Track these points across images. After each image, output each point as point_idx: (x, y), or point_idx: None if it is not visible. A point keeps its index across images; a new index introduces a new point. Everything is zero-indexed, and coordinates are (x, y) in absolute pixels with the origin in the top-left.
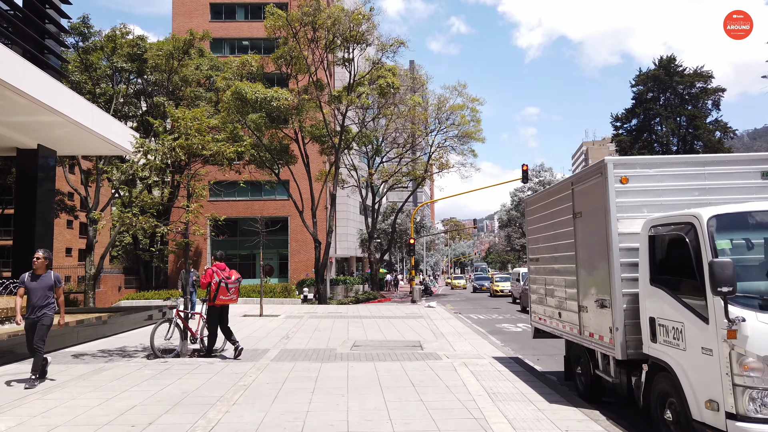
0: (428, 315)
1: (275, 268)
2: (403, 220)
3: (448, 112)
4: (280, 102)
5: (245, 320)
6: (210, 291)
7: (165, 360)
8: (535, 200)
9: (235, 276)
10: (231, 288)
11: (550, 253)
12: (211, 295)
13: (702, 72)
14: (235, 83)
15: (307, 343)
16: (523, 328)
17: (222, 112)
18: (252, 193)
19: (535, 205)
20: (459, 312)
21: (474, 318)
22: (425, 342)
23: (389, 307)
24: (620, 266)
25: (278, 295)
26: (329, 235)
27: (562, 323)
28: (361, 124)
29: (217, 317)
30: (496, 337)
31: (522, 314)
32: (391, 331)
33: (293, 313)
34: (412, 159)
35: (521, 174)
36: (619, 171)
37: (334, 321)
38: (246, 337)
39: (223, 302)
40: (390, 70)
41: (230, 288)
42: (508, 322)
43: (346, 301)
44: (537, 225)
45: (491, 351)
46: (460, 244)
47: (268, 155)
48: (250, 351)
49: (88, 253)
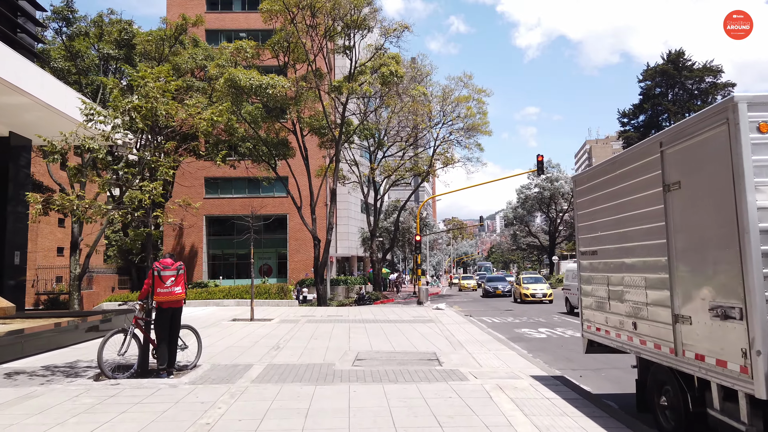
0: (438, 319)
1: (274, 268)
2: (406, 217)
3: (454, 104)
4: (276, 90)
5: (233, 325)
6: (144, 290)
7: (117, 381)
8: (592, 175)
9: (176, 265)
10: (169, 277)
11: (617, 243)
12: (144, 294)
13: (711, 66)
14: (228, 69)
15: (300, 356)
16: (547, 334)
17: (215, 102)
18: (250, 190)
19: (590, 182)
20: (470, 314)
21: (488, 322)
22: (442, 354)
23: (393, 309)
24: (762, 257)
25: (273, 297)
26: (329, 232)
27: (638, 337)
28: (362, 115)
29: (166, 324)
30: (519, 345)
31: (539, 316)
32: (400, 338)
33: (289, 316)
34: (416, 153)
35: (536, 165)
36: (756, 114)
37: (334, 326)
38: (229, 347)
39: (165, 299)
40: (393, 57)
41: (167, 277)
42: (527, 326)
43: (347, 302)
44: (594, 207)
45: (525, 366)
46: (463, 244)
47: (265, 148)
48: (228, 367)
49: (73, 251)
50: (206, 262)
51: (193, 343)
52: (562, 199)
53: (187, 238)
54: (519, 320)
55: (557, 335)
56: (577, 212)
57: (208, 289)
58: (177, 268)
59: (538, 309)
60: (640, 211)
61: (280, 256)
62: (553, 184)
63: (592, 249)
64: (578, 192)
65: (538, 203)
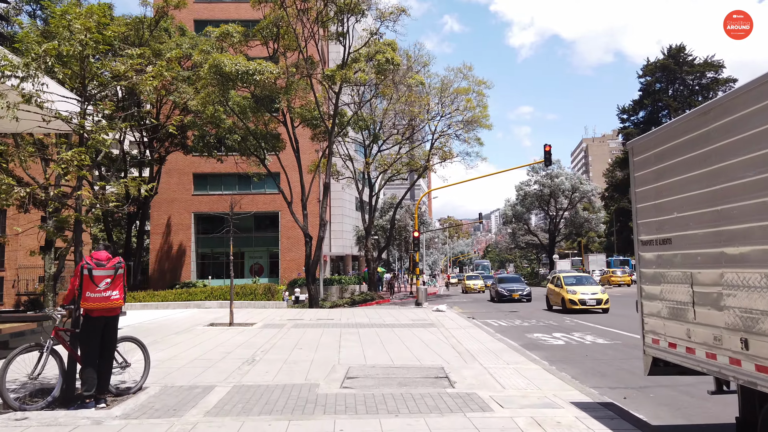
0: (440, 322)
1: (265, 268)
2: (402, 215)
3: (453, 96)
4: (264, 76)
5: (208, 331)
6: (69, 292)
7: (24, 415)
8: (666, 136)
9: (112, 262)
10: (103, 278)
11: (711, 226)
12: (70, 296)
13: (713, 62)
14: (213, 55)
15: (277, 373)
16: (565, 341)
17: (201, 92)
18: (240, 186)
19: (662, 146)
20: (473, 316)
21: (495, 325)
22: (452, 370)
23: (390, 311)
24: None
25: (260, 298)
26: (322, 229)
27: (751, 361)
28: (357, 106)
29: (95, 337)
30: (537, 353)
31: (549, 317)
32: (399, 347)
33: (274, 320)
34: (412, 147)
35: (544, 156)
36: None
37: (323, 332)
38: (194, 360)
39: (96, 305)
40: (389, 45)
41: (100, 278)
42: (538, 330)
43: (341, 303)
44: (668, 180)
45: (558, 388)
46: (459, 243)
47: (254, 140)
48: (183, 390)
49: (48, 249)
50: (195, 261)
51: (139, 360)
52: (563, 196)
53: (174, 236)
54: (528, 323)
55: (576, 341)
56: (636, 189)
57: (189, 290)
58: (115, 266)
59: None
60: (758, 177)
61: (272, 255)
62: (554, 181)
63: (663, 236)
64: (639, 162)
65: (537, 200)
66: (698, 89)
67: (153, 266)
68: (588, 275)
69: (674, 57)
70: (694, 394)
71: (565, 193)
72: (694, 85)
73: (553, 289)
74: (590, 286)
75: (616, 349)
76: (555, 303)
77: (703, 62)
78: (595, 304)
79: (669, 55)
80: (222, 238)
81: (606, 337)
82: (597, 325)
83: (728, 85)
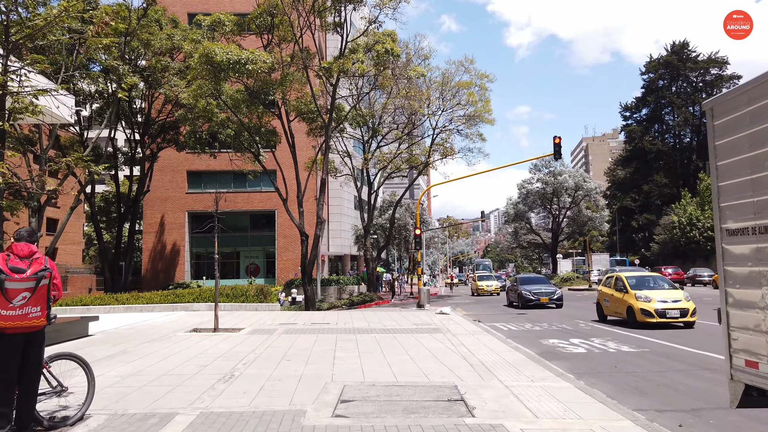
0: (446, 326)
1: (261, 268)
2: (402, 214)
3: (454, 90)
4: (257, 66)
5: (188, 338)
6: None
7: None
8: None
9: (34, 268)
10: (18, 293)
11: None
12: None
13: (717, 58)
14: (204, 44)
15: (255, 395)
16: (586, 348)
17: (192, 84)
18: (235, 184)
19: (757, 103)
20: (478, 319)
21: (504, 329)
22: (467, 388)
23: (390, 313)
24: None
25: (252, 300)
26: (318, 227)
27: None
28: (356, 97)
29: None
30: (558, 364)
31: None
32: (402, 358)
33: (264, 324)
34: (413, 143)
35: (553, 148)
36: None
37: (317, 339)
38: (161, 377)
39: (9, 324)
40: (389, 35)
41: (14, 293)
42: (552, 335)
43: (339, 304)
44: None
45: (601, 414)
46: (458, 243)
47: (247, 135)
48: (134, 421)
49: None
50: (189, 261)
51: (81, 382)
52: (566, 194)
53: (168, 236)
54: (539, 327)
55: (599, 349)
56: (718, 162)
57: (176, 292)
58: (37, 275)
59: (551, 312)
60: None
61: (269, 255)
62: (557, 179)
63: (765, 223)
64: (724, 126)
65: (540, 199)
66: (702, 86)
67: (146, 266)
68: (660, 275)
69: (677, 53)
70: (765, 419)
71: (568, 191)
72: (697, 81)
73: (611, 295)
74: (668, 291)
75: (646, 359)
76: (615, 312)
77: (706, 58)
78: (678, 316)
79: (672, 51)
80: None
81: (630, 344)
82: (615, 329)
83: (732, 82)
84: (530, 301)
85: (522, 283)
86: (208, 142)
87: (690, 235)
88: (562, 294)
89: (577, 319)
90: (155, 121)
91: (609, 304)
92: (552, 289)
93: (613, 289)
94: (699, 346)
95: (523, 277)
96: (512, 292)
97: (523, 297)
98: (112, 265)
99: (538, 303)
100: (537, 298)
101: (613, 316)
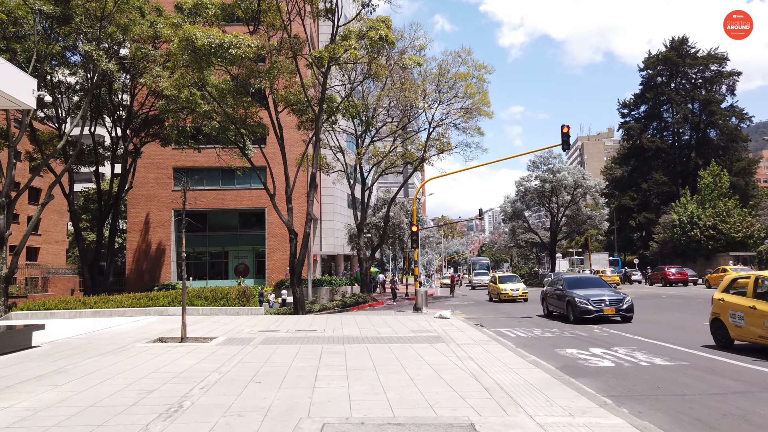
0: (448, 334)
1: (251, 268)
2: (396, 212)
3: (451, 81)
4: (241, 50)
5: (148, 351)
6: None
7: None
8: None
9: None
10: None
11: None
12: None
13: (717, 54)
14: (185, 27)
15: None
16: (614, 361)
17: (174, 73)
18: (223, 181)
19: None
20: (480, 323)
21: (511, 336)
22: (487, 427)
23: (385, 317)
24: None
25: (233, 303)
26: (308, 224)
27: None
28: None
29: None
30: (587, 383)
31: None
32: (399, 379)
33: (242, 332)
34: (408, 137)
35: (561, 138)
36: None
37: (299, 351)
38: (87, 408)
39: None
40: (383, 21)
41: None
42: (569, 344)
43: (331, 306)
44: None
45: None
46: (453, 243)
47: (233, 126)
48: None
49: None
50: (175, 261)
51: None
52: (565, 192)
53: (153, 235)
54: (550, 333)
55: (627, 361)
56: None
57: (150, 294)
58: None
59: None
60: None
61: (258, 255)
62: (555, 176)
63: None
64: None
65: (538, 197)
66: (701, 82)
67: (130, 266)
68: None
69: (676, 49)
70: None
71: (567, 188)
72: (697, 78)
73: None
74: None
75: (689, 375)
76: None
77: (706, 54)
78: None
79: (671, 47)
80: (204, 237)
81: (660, 355)
82: (631, 335)
83: (732, 78)
84: (588, 312)
85: (571, 286)
86: (192, 136)
87: (691, 234)
88: (631, 302)
89: (588, 324)
90: (138, 114)
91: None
92: (618, 295)
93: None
94: (740, 359)
95: (571, 278)
96: (555, 299)
97: (577, 307)
98: (93, 265)
99: (600, 316)
100: (599, 309)
101: None
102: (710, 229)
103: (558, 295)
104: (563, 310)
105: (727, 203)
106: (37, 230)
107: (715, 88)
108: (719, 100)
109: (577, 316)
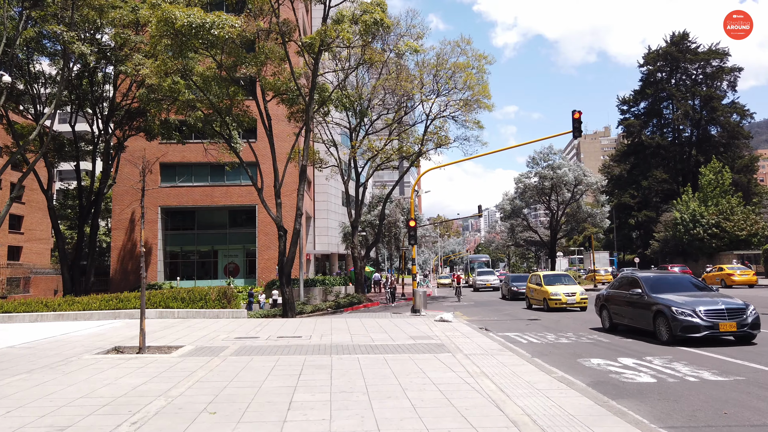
0: (452, 342)
1: (241, 267)
2: (392, 210)
3: (450, 72)
4: (224, 30)
5: (94, 365)
6: None
7: None
8: None
9: None
10: None
11: None
12: None
13: (718, 49)
14: (163, 6)
15: None
16: (655, 376)
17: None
18: (212, 177)
19: None
20: (485, 327)
21: (523, 342)
22: None
23: (380, 321)
24: None
25: (212, 305)
26: (298, 220)
27: None
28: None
29: None
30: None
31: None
32: (399, 409)
33: (215, 339)
34: (404, 130)
35: (572, 124)
36: None
37: (276, 364)
38: None
39: None
40: (378, 4)
41: None
42: (592, 353)
43: (324, 307)
44: None
45: None
46: (449, 242)
47: (219, 116)
48: None
49: None
50: (162, 260)
51: None
52: (565, 189)
53: (139, 233)
54: (566, 339)
55: (672, 376)
56: None
57: (119, 296)
58: None
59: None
60: None
61: (249, 254)
62: (556, 173)
63: None
64: None
65: (538, 194)
66: (702, 78)
67: (115, 266)
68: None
69: (677, 44)
70: None
71: (567, 185)
72: (698, 74)
73: None
74: None
75: (755, 396)
76: None
77: (707, 50)
78: None
79: (672, 42)
80: (193, 235)
81: (708, 367)
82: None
83: (733, 74)
84: (696, 329)
85: (656, 288)
86: (177, 128)
87: (693, 232)
88: (758, 314)
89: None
90: (121, 106)
91: None
92: (736, 303)
93: None
94: None
95: (655, 277)
96: (627, 308)
97: (677, 321)
98: (74, 265)
99: (714, 334)
100: (712, 324)
101: None
102: (713, 227)
103: (633, 302)
104: (646, 325)
105: (730, 201)
106: (20, 229)
107: (716, 84)
108: (720, 97)
109: (677, 334)
